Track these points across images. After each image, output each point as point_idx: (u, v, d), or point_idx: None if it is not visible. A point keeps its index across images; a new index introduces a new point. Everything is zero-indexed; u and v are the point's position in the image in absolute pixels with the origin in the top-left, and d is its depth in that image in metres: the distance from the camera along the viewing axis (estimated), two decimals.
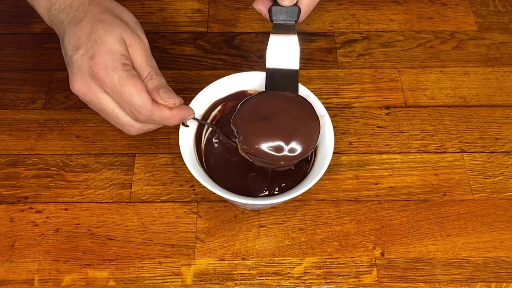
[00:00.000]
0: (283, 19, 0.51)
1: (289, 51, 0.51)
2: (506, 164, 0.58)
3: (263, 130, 0.47)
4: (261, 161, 0.48)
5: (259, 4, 0.51)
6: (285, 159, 0.47)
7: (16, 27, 0.67)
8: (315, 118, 0.48)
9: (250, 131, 0.47)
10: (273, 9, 0.50)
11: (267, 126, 0.47)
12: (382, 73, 0.64)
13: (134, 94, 0.45)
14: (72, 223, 0.53)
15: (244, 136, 0.47)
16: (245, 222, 0.54)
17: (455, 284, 0.51)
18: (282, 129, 0.47)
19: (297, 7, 0.50)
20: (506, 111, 0.62)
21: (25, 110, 0.60)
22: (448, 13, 0.70)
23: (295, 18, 0.50)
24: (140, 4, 0.69)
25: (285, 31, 0.51)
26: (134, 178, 0.56)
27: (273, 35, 0.51)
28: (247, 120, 0.48)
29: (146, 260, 0.52)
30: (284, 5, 0.50)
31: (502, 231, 0.54)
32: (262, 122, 0.47)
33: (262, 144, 0.47)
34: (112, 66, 0.45)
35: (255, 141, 0.47)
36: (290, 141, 0.47)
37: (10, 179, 0.56)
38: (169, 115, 0.47)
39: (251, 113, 0.48)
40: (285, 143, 0.47)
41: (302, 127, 0.48)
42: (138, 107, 0.46)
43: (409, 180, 0.57)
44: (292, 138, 0.47)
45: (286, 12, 0.50)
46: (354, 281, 0.51)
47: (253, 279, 0.51)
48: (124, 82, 0.45)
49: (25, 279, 0.51)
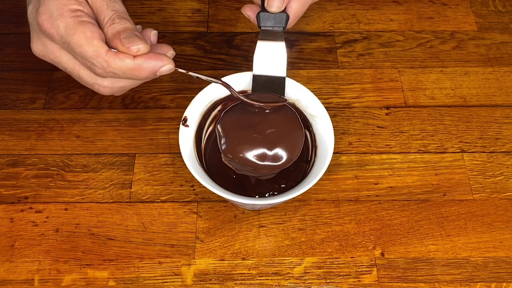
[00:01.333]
0: (271, 26, 0.51)
1: (276, 57, 0.51)
2: (506, 164, 0.58)
3: (247, 139, 0.47)
4: (244, 170, 0.48)
5: (247, 10, 0.51)
6: (267, 168, 0.47)
7: (16, 27, 0.67)
8: (299, 126, 0.48)
9: (234, 140, 0.47)
10: (261, 15, 0.50)
11: (250, 134, 0.47)
12: (382, 73, 0.64)
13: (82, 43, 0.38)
14: (72, 223, 0.53)
15: (227, 144, 0.47)
16: (245, 222, 0.54)
17: (455, 284, 0.51)
18: (266, 137, 0.47)
19: (285, 13, 0.50)
20: (506, 111, 0.62)
21: (25, 110, 0.60)
22: (448, 13, 0.70)
23: (283, 24, 0.50)
24: (140, 4, 0.69)
25: (273, 37, 0.50)
26: (134, 178, 0.56)
27: (260, 41, 0.51)
28: (230, 129, 0.48)
29: (146, 260, 0.52)
30: (272, 11, 0.50)
31: (502, 231, 0.54)
32: (246, 130, 0.47)
33: (246, 153, 0.47)
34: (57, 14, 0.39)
35: (238, 150, 0.47)
36: (274, 149, 0.47)
37: (10, 179, 0.56)
38: (132, 65, 0.39)
39: (235, 122, 0.48)
40: (268, 151, 0.47)
41: (286, 136, 0.48)
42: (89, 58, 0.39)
43: (409, 180, 0.57)
44: (276, 146, 0.47)
45: (274, 18, 0.50)
46: (354, 281, 0.51)
47: (253, 279, 0.51)
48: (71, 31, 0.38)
49: (25, 279, 0.51)
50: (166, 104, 0.61)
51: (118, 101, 0.61)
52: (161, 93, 0.62)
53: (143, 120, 0.60)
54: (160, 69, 0.41)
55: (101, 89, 0.43)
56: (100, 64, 0.39)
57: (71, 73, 0.41)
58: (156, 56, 0.40)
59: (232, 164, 0.48)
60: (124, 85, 0.43)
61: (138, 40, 0.39)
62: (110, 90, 0.43)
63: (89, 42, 0.38)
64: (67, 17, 0.39)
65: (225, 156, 0.47)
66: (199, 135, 0.52)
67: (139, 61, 0.40)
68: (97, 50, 0.38)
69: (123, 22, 0.40)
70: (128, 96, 0.61)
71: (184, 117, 0.50)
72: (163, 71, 0.41)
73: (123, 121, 0.60)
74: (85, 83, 0.42)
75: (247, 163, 0.47)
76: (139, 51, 0.39)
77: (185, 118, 0.50)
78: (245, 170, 0.48)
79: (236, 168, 0.48)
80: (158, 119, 0.60)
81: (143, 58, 0.40)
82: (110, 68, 0.39)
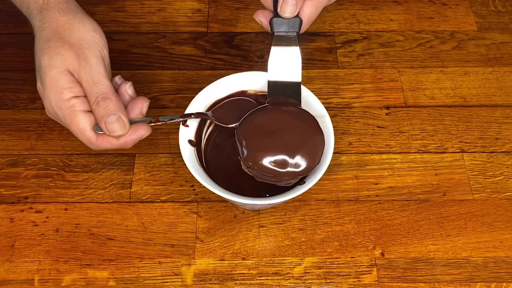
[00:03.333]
0: (285, 31, 0.50)
1: (291, 63, 0.51)
2: (506, 164, 0.58)
3: (267, 146, 0.47)
4: (264, 177, 0.47)
5: (260, 16, 0.51)
6: (289, 175, 0.47)
7: (16, 27, 0.67)
8: (319, 132, 0.48)
9: (254, 147, 0.47)
10: (274, 21, 0.50)
11: (271, 141, 0.47)
12: (382, 73, 0.64)
13: (78, 133, 0.47)
14: (72, 223, 0.53)
15: (248, 152, 0.47)
16: (245, 222, 0.54)
17: (455, 284, 0.51)
18: (286, 144, 0.47)
19: (298, 18, 0.50)
20: (506, 111, 0.62)
21: (25, 110, 0.60)
22: (448, 13, 0.70)
23: (297, 29, 0.50)
24: (140, 4, 0.69)
25: (287, 42, 0.50)
26: (134, 178, 0.56)
27: (274, 46, 0.50)
28: (250, 136, 0.47)
29: (146, 260, 0.52)
30: (285, 17, 0.50)
31: (502, 231, 0.54)
32: (266, 137, 0.47)
33: (266, 160, 0.46)
34: (56, 105, 0.46)
35: (259, 157, 0.46)
36: (295, 156, 0.46)
37: (10, 179, 0.56)
38: (118, 143, 0.47)
39: (254, 129, 0.48)
40: (289, 158, 0.46)
41: (306, 142, 0.47)
42: (85, 142, 0.48)
43: (409, 180, 0.57)
44: (296, 153, 0.46)
45: (288, 23, 0.50)
46: (354, 281, 0.51)
47: (253, 279, 0.51)
48: (69, 121, 0.46)
49: (25, 279, 0.51)
50: (166, 104, 0.61)
51: None
52: (161, 93, 0.62)
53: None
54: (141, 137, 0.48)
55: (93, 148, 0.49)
56: (93, 146, 0.48)
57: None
58: (134, 131, 0.47)
59: (252, 171, 0.48)
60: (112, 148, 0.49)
61: (119, 127, 0.46)
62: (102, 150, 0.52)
63: (82, 133, 0.47)
64: (64, 109, 0.46)
65: (246, 163, 0.47)
66: (199, 135, 0.52)
67: (123, 140, 0.47)
68: (89, 139, 0.47)
69: (105, 105, 0.46)
70: None
71: None
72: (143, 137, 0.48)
73: None
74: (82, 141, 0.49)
75: (267, 170, 0.46)
76: (120, 135, 0.47)
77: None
78: (265, 177, 0.47)
79: (256, 176, 0.48)
80: None
81: (125, 137, 0.47)
82: (102, 147, 0.48)
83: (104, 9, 0.68)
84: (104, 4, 0.69)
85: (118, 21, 0.68)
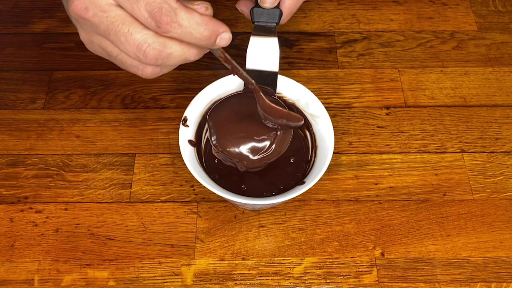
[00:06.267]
0: (264, 21, 0.51)
1: (269, 53, 0.51)
2: (506, 164, 0.58)
3: (236, 132, 0.48)
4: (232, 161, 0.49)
5: (242, 5, 0.52)
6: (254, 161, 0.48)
7: (16, 27, 0.67)
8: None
9: (223, 132, 0.48)
10: (255, 11, 0.51)
11: (240, 128, 0.48)
12: (382, 73, 0.64)
13: None
14: (72, 223, 0.53)
15: (216, 137, 0.48)
16: (245, 222, 0.54)
17: (455, 284, 0.51)
18: (254, 131, 0.48)
19: (278, 9, 0.51)
20: (506, 111, 0.62)
21: (25, 110, 0.60)
22: (448, 13, 0.70)
23: (276, 20, 0.51)
24: None
25: (266, 33, 0.51)
26: (134, 178, 0.56)
27: (253, 36, 0.51)
28: (220, 122, 0.48)
29: (146, 260, 0.52)
30: (265, 7, 0.50)
31: (502, 231, 0.54)
32: (235, 123, 0.48)
33: (233, 145, 0.48)
34: None
35: (227, 142, 0.48)
36: (261, 142, 0.48)
37: (10, 179, 0.56)
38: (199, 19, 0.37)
39: (226, 115, 0.49)
40: (256, 144, 0.48)
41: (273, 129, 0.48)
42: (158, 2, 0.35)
43: (409, 180, 0.57)
44: (263, 140, 0.48)
45: (268, 14, 0.51)
46: (354, 281, 0.51)
47: (253, 279, 0.51)
48: None
49: (25, 279, 0.51)
50: (166, 104, 0.61)
51: (118, 101, 0.61)
52: (161, 93, 0.62)
53: (143, 120, 0.60)
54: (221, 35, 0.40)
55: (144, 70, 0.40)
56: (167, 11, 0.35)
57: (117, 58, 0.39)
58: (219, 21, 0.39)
59: (219, 155, 0.49)
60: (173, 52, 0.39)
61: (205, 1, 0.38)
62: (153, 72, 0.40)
63: None
64: None
65: (215, 148, 0.48)
66: (199, 135, 0.52)
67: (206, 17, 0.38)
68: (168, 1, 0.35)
69: None
70: (128, 96, 0.61)
71: (184, 117, 0.50)
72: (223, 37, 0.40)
73: (123, 121, 0.60)
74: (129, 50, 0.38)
75: (234, 155, 0.48)
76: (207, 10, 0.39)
77: (185, 118, 0.50)
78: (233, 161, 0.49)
79: (224, 160, 0.50)
80: (158, 119, 0.60)
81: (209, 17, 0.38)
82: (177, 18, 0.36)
83: None
84: None
85: None
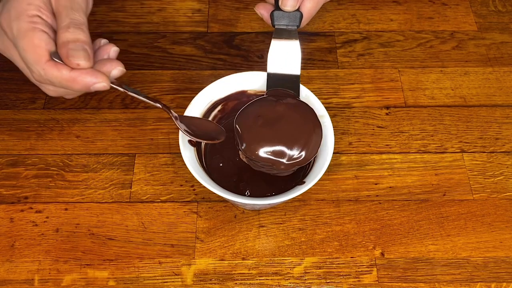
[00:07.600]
0: (285, 24, 0.51)
1: (290, 56, 0.51)
2: (506, 164, 0.58)
3: (265, 137, 0.47)
4: (262, 166, 0.48)
5: (261, 8, 0.52)
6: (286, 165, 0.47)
7: None
8: (317, 124, 0.48)
9: (252, 138, 0.47)
10: (275, 14, 0.50)
11: (269, 132, 0.47)
12: (382, 73, 0.64)
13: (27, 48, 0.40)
14: (72, 223, 0.53)
15: (246, 143, 0.47)
16: (245, 222, 0.54)
17: (455, 284, 0.51)
18: (284, 135, 0.47)
19: (299, 12, 0.50)
20: (506, 111, 0.62)
21: (25, 110, 0.60)
22: (448, 13, 0.70)
23: (297, 23, 0.50)
24: (140, 4, 0.69)
25: (287, 36, 0.51)
26: (134, 178, 0.56)
27: (275, 39, 0.51)
28: (248, 127, 0.48)
29: (146, 260, 0.52)
30: (286, 10, 0.50)
31: (502, 231, 0.54)
32: (264, 128, 0.47)
33: (263, 151, 0.47)
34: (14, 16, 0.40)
35: (257, 147, 0.47)
36: (293, 146, 0.47)
37: (10, 179, 0.56)
38: (67, 76, 0.40)
39: (252, 120, 0.48)
40: (287, 149, 0.47)
41: (304, 133, 0.47)
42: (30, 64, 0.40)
43: (409, 180, 0.57)
44: (294, 144, 0.47)
45: (288, 17, 0.50)
46: (354, 281, 0.51)
47: (253, 279, 0.51)
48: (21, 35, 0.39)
49: (25, 279, 0.51)
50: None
51: (118, 101, 0.61)
52: (161, 93, 0.62)
53: (143, 120, 0.60)
54: (94, 85, 0.42)
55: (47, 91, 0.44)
56: (37, 71, 0.40)
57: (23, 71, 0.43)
58: (92, 73, 0.41)
59: (250, 162, 0.48)
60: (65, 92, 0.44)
61: (82, 56, 0.40)
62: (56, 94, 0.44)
63: (33, 49, 0.40)
64: (22, 21, 0.40)
65: (244, 154, 0.47)
66: None
67: (75, 74, 0.40)
68: (38, 59, 0.39)
69: (76, 33, 0.41)
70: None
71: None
72: (96, 87, 0.42)
73: (123, 121, 0.60)
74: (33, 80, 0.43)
75: (264, 160, 0.47)
76: (79, 66, 0.40)
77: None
78: (264, 166, 0.48)
79: (254, 166, 0.48)
80: (158, 119, 0.60)
81: (79, 72, 0.41)
82: (46, 76, 0.40)
83: (104, 9, 0.68)
84: (104, 4, 0.69)
85: (118, 21, 0.68)
